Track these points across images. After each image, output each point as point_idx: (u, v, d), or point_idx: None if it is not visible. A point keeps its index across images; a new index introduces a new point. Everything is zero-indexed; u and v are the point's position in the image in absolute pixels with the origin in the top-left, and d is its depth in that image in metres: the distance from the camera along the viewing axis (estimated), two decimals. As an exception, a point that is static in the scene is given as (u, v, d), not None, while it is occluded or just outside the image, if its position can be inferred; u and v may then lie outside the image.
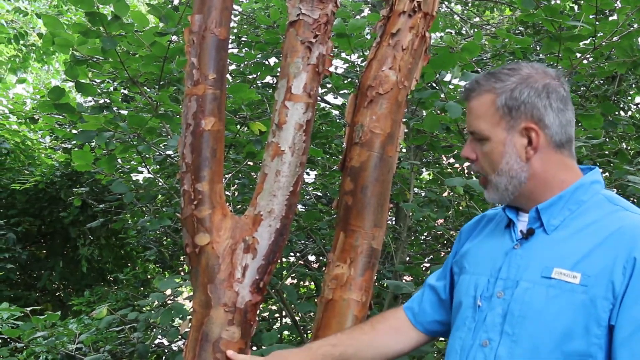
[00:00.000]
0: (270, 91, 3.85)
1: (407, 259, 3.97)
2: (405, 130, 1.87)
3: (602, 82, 4.09)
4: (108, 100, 3.88)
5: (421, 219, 3.70)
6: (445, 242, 4.31)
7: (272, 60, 4.02)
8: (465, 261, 1.44)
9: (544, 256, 1.27)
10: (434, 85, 3.47)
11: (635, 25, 2.93)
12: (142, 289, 6.29)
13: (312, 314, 3.88)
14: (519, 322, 1.24)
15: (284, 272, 3.76)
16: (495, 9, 6.68)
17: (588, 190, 1.32)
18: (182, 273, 4.96)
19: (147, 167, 3.77)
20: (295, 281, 4.45)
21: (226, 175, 3.27)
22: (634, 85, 4.30)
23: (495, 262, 1.34)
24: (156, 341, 3.82)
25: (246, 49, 4.08)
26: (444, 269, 1.57)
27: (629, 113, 4.47)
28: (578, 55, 3.06)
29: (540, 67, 1.34)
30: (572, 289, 1.21)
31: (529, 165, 1.31)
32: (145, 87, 3.57)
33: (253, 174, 3.64)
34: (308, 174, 4.29)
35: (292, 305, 3.49)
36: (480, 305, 1.31)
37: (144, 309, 4.14)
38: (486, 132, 1.33)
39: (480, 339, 1.29)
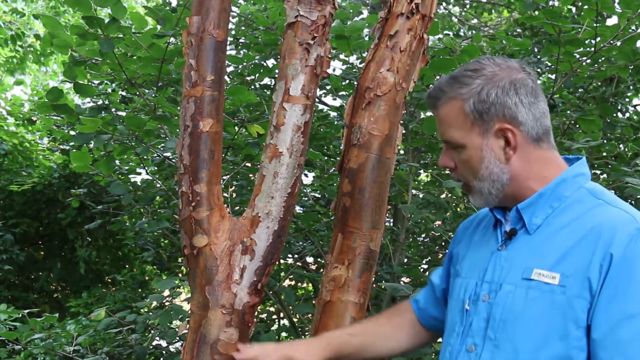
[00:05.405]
0: (268, 93, 3.85)
1: (405, 260, 3.97)
2: (404, 132, 1.87)
3: (600, 84, 4.10)
4: (106, 102, 3.87)
5: (419, 220, 3.70)
6: (443, 243, 4.30)
7: (271, 62, 4.02)
8: (458, 264, 1.42)
9: (525, 257, 1.23)
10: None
11: (634, 27, 2.93)
12: (139, 290, 6.27)
13: (309, 315, 3.88)
14: (501, 326, 1.20)
15: (282, 274, 3.75)
16: (493, 11, 6.69)
17: (571, 185, 1.26)
18: (180, 275, 4.95)
19: (145, 168, 3.77)
20: (293, 283, 4.44)
21: (224, 177, 3.27)
22: (631, 87, 4.30)
23: (483, 264, 1.31)
24: (154, 343, 3.82)
25: (244, 50, 4.08)
26: (443, 269, 1.55)
27: (627, 115, 4.47)
28: (578, 57, 3.06)
29: (503, 62, 1.29)
30: (552, 290, 1.16)
31: (509, 166, 1.26)
32: (144, 89, 3.57)
33: (251, 175, 3.63)
34: (306, 175, 4.28)
35: (290, 307, 3.49)
36: (468, 309, 1.28)
37: (141, 310, 4.14)
38: (461, 140, 1.28)
39: (467, 344, 1.25)
